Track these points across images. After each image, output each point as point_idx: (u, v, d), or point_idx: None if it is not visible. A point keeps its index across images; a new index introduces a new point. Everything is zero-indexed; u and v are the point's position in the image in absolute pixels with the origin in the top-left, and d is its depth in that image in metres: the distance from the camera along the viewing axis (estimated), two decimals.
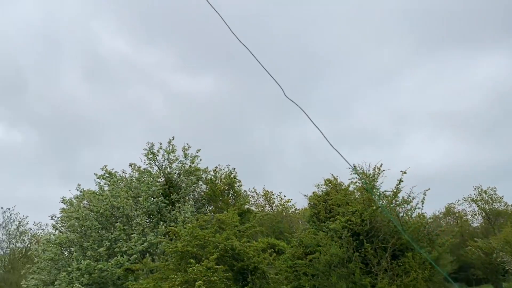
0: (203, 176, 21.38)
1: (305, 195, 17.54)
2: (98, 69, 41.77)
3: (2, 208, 26.44)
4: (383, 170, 15.08)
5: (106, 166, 20.29)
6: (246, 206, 19.81)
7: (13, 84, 39.01)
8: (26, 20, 41.82)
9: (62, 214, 18.70)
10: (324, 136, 5.64)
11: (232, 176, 20.95)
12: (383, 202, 14.99)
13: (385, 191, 15.00)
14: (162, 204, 19.26)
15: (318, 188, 17.33)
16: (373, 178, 15.11)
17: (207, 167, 21.73)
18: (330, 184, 16.91)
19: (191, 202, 20.50)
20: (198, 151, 21.68)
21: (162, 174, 21.28)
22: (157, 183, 20.19)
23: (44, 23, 42.04)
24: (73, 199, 19.07)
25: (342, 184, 16.57)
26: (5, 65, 39.29)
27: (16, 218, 27.34)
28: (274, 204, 25.39)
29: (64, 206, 19.23)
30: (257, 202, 26.38)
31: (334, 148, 5.67)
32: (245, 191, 22.23)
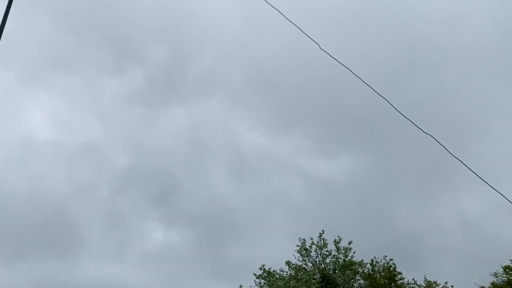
0: (360, 270, 20.63)
1: (482, 287, 15.67)
2: (239, 163, 45.02)
3: None
4: None
5: (264, 265, 20.95)
6: None
7: (169, 187, 43.85)
8: (176, 128, 48.10)
9: None
10: None
11: (391, 268, 19.85)
12: None
13: None
14: None
15: (496, 277, 15.40)
16: None
17: (362, 260, 21.02)
18: (511, 272, 14.94)
19: None
20: (350, 243, 21.28)
21: (317, 271, 21.08)
22: (313, 281, 20.00)
23: (192, 129, 47.74)
24: None
25: None
26: (162, 171, 44.68)
27: None
28: None
29: None
30: None
31: None
32: (407, 284, 20.69)
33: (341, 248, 21.17)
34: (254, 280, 20.79)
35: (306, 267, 21.14)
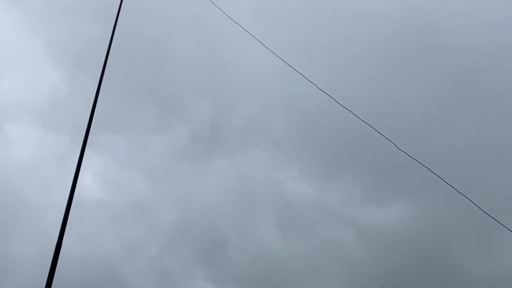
0: None
1: None
2: (287, 215, 43.37)
3: None
4: None
5: None
6: None
7: (217, 244, 42.72)
8: (222, 182, 47.71)
9: None
10: None
11: None
12: None
13: None
14: None
15: None
16: None
17: None
18: None
19: None
20: None
21: None
22: None
23: (237, 181, 46.96)
24: None
25: None
26: (209, 227, 43.92)
27: None
28: None
29: None
30: None
31: None
32: None
33: None
34: None
35: None
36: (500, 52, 37.08)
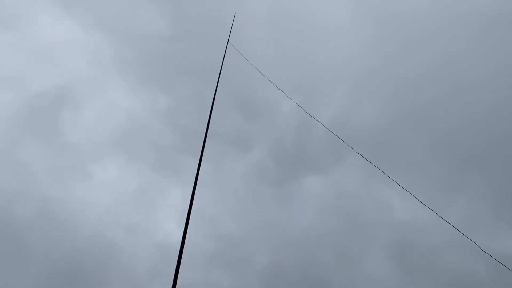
0: None
1: None
2: (399, 243, 36.08)
3: None
4: None
5: None
6: None
7: (318, 285, 36.79)
8: (315, 204, 41.68)
9: None
10: None
11: None
12: None
13: None
14: None
15: None
16: None
17: None
18: None
19: None
20: None
21: None
22: None
23: (333, 201, 40.25)
24: None
25: None
26: (308, 262, 38.24)
27: None
28: None
29: None
30: None
31: None
32: None
33: None
34: None
35: None
36: None
